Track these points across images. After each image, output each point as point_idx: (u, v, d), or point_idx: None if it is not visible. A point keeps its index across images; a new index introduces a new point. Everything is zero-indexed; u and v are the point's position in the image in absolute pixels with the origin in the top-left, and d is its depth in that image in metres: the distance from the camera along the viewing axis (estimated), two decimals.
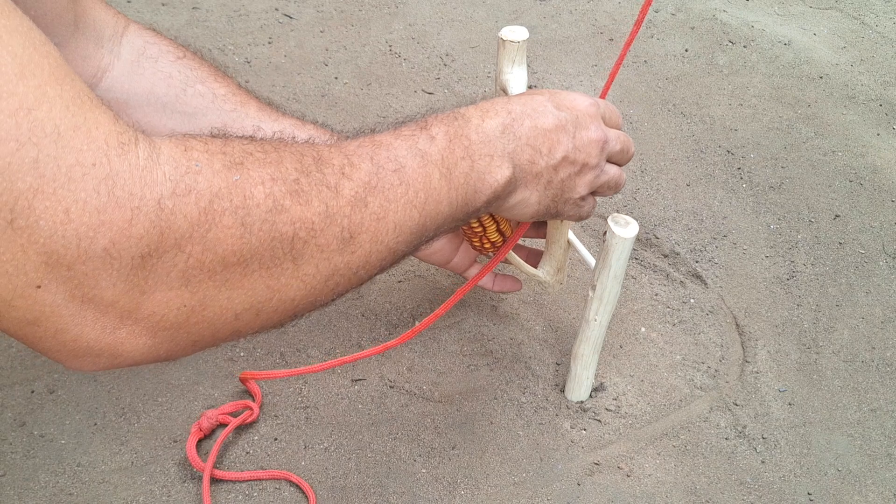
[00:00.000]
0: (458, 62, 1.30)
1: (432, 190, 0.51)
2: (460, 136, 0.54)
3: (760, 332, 0.91)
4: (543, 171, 0.58)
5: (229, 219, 0.40)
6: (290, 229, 0.43)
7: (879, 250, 1.01)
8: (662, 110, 1.23)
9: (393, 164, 0.49)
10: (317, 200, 0.44)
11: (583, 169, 0.60)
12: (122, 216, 0.36)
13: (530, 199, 0.58)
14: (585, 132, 0.60)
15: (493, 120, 0.56)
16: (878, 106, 1.25)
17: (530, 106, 0.58)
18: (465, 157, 0.53)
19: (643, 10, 0.61)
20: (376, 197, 0.47)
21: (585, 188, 0.61)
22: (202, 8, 1.38)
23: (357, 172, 0.47)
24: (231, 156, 0.42)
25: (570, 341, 0.85)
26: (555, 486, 0.75)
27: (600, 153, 0.61)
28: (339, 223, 0.45)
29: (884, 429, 0.82)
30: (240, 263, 0.41)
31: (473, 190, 0.54)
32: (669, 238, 1.01)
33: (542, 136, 0.57)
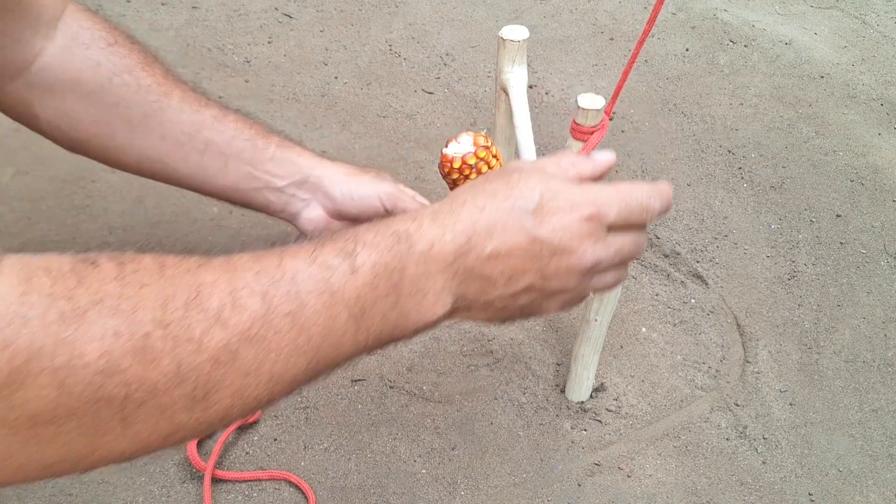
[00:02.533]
0: (459, 62, 1.30)
1: (333, 332, 0.43)
2: (392, 269, 0.45)
3: (761, 333, 0.90)
4: (496, 300, 0.49)
5: (46, 379, 0.35)
6: (122, 392, 0.37)
7: (881, 250, 1.01)
8: (663, 110, 1.22)
9: (290, 304, 0.42)
10: (167, 358, 0.38)
11: (554, 294, 0.51)
12: None
13: (477, 318, 0.52)
14: (565, 258, 0.49)
15: (447, 245, 0.46)
16: (880, 105, 1.25)
17: (501, 217, 0.48)
18: (389, 294, 0.45)
19: (654, 12, 0.60)
20: (252, 348, 0.40)
21: (557, 308, 0.53)
22: (202, 7, 1.38)
23: (238, 316, 0.40)
24: (76, 302, 0.37)
25: (571, 341, 0.84)
26: (555, 486, 0.75)
27: (581, 279, 0.51)
28: (192, 382, 0.39)
29: (885, 429, 0.82)
30: (52, 423, 0.36)
31: (392, 327, 0.46)
32: (670, 238, 1.01)
33: (503, 264, 0.48)
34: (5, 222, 0.97)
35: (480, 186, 0.50)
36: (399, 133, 1.15)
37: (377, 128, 1.16)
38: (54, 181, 1.03)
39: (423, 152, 1.12)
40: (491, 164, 0.58)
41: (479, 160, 0.58)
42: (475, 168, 0.58)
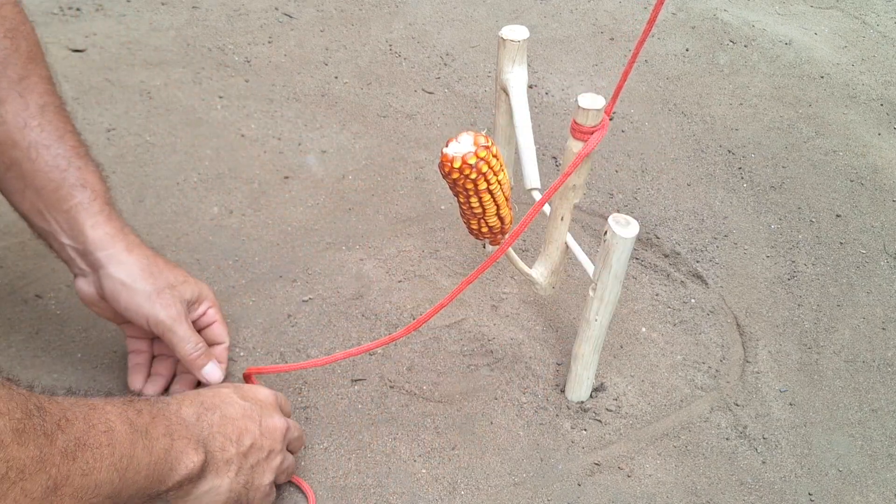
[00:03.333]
0: (459, 61, 1.30)
1: (135, 458, 0.52)
2: (162, 415, 0.58)
3: (761, 332, 0.90)
4: (234, 458, 0.62)
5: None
6: (3, 467, 0.42)
7: (880, 250, 1.01)
8: (663, 110, 1.22)
9: (103, 426, 0.51)
10: (33, 444, 0.44)
11: (269, 455, 0.65)
12: None
13: (221, 487, 0.61)
14: (270, 419, 0.66)
15: (189, 409, 0.61)
16: (880, 105, 1.25)
17: (219, 398, 0.64)
18: (166, 435, 0.56)
19: (655, 12, 0.60)
20: (85, 453, 0.48)
21: (272, 474, 0.66)
22: (202, 7, 1.38)
23: (70, 428, 0.48)
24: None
25: (571, 341, 0.84)
26: (555, 486, 0.75)
27: (283, 439, 0.67)
28: (49, 472, 0.45)
29: (885, 429, 0.82)
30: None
31: (170, 468, 0.56)
32: (670, 238, 1.01)
33: (231, 424, 0.62)
34: (5, 222, 0.97)
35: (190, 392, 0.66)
36: (399, 133, 1.15)
37: (377, 127, 1.16)
38: None
39: (423, 152, 1.12)
40: (491, 163, 0.58)
41: (480, 160, 0.57)
42: (475, 167, 0.58)
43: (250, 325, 0.87)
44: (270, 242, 0.97)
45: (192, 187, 1.03)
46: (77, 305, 0.88)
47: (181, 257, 0.94)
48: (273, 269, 0.94)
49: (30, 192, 0.69)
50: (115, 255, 0.70)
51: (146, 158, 1.08)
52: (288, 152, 1.11)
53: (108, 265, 0.70)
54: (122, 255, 0.70)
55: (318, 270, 0.94)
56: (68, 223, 0.70)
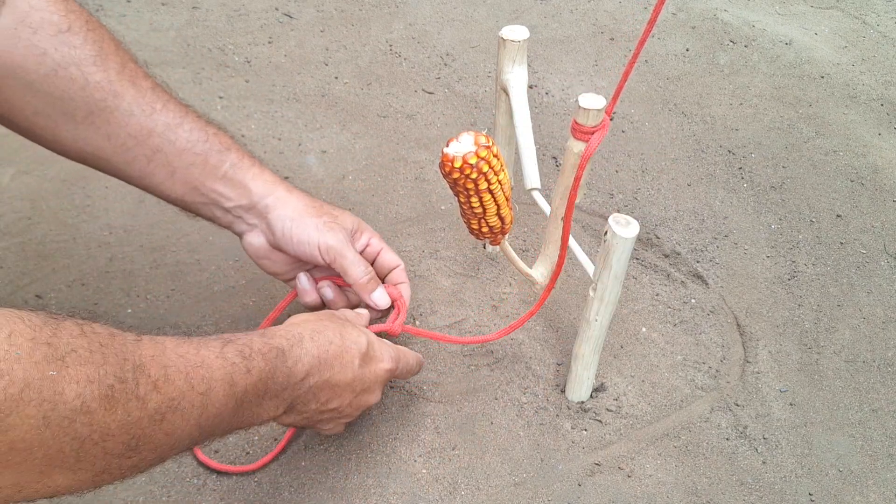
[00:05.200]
0: (459, 62, 1.30)
1: (221, 416, 0.54)
2: (270, 377, 0.58)
3: (761, 333, 0.90)
4: (309, 412, 0.65)
5: (33, 409, 0.40)
6: (87, 431, 0.44)
7: (881, 250, 1.01)
8: (663, 110, 1.22)
9: (204, 385, 0.52)
10: (122, 409, 0.45)
11: (341, 418, 0.68)
12: None
13: (284, 420, 0.64)
14: (367, 396, 0.68)
15: (303, 367, 0.61)
16: (880, 106, 1.25)
17: (340, 356, 0.64)
18: (259, 396, 0.58)
19: (655, 12, 0.60)
20: (174, 415, 0.49)
21: (333, 426, 0.69)
22: (202, 7, 1.38)
23: (168, 388, 0.49)
24: (55, 348, 0.42)
25: (571, 341, 0.84)
26: (555, 486, 0.74)
27: (365, 410, 0.70)
28: (133, 433, 0.47)
29: (885, 429, 0.82)
30: (25, 451, 0.41)
31: (248, 421, 0.58)
32: (670, 238, 1.01)
33: (329, 390, 0.64)
34: (5, 222, 0.97)
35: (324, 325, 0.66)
36: (399, 133, 1.15)
37: (377, 128, 1.16)
38: (54, 181, 1.03)
39: (424, 152, 1.12)
40: (491, 163, 0.58)
41: (480, 159, 0.57)
42: (476, 167, 0.57)
43: (250, 326, 0.87)
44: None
45: None
46: (77, 305, 0.88)
47: (181, 257, 0.94)
48: None
49: (180, 172, 0.71)
50: (280, 197, 0.74)
51: None
52: (288, 152, 1.11)
53: (277, 207, 0.74)
54: (285, 195, 0.74)
55: None
56: (228, 186, 0.73)
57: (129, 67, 0.69)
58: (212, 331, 0.86)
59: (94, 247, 0.95)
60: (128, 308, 0.88)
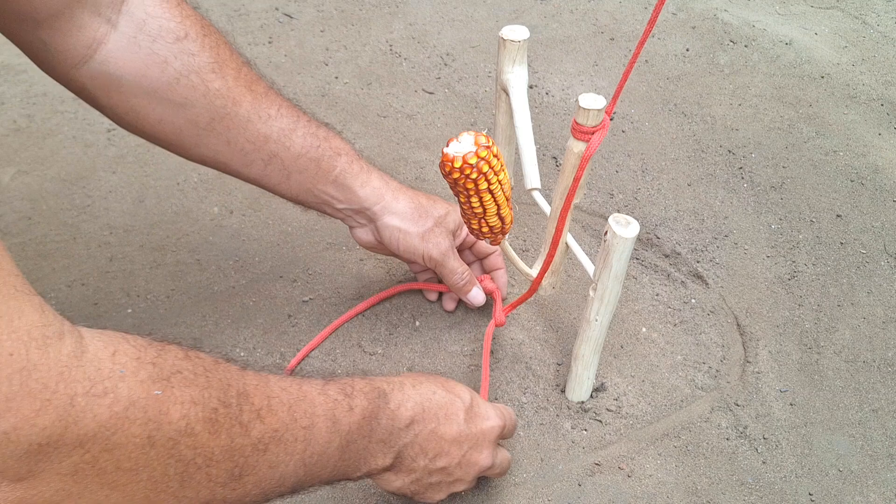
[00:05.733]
0: (459, 62, 1.30)
1: (326, 456, 0.53)
2: (373, 416, 0.57)
3: (762, 333, 0.90)
4: (418, 470, 0.61)
5: (138, 429, 0.40)
6: (191, 454, 0.43)
7: (881, 250, 1.01)
8: (663, 110, 1.22)
9: (306, 420, 0.51)
10: (225, 434, 0.45)
11: (454, 483, 0.65)
12: (30, 406, 0.36)
13: (394, 483, 0.62)
14: (477, 454, 0.64)
15: (406, 412, 0.59)
16: (880, 105, 1.25)
17: (445, 408, 0.62)
18: (365, 437, 0.56)
19: (655, 12, 0.60)
20: (278, 447, 0.49)
21: (445, 494, 0.65)
22: (202, 7, 1.38)
23: (271, 418, 0.48)
24: (161, 368, 0.42)
25: (571, 341, 0.84)
26: (555, 486, 0.74)
27: (476, 475, 0.66)
28: (236, 461, 0.46)
29: (885, 429, 0.82)
30: (131, 471, 0.41)
31: (355, 467, 0.57)
32: (670, 238, 1.01)
33: (436, 442, 0.61)
34: (5, 222, 0.97)
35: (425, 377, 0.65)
36: (399, 133, 1.15)
37: (377, 128, 1.16)
38: (54, 181, 1.03)
39: (424, 152, 1.12)
40: (492, 163, 0.58)
41: (480, 159, 0.57)
42: (476, 167, 0.57)
43: (251, 326, 0.87)
44: (270, 242, 0.97)
45: (193, 187, 1.03)
46: (77, 305, 0.88)
47: (181, 257, 0.94)
48: (273, 269, 0.94)
49: (295, 175, 0.73)
50: (386, 206, 0.76)
51: (147, 158, 1.08)
52: None
53: (383, 216, 0.77)
54: (391, 204, 0.77)
55: (319, 271, 0.94)
56: (339, 190, 0.75)
57: (244, 72, 0.70)
58: (212, 331, 0.86)
59: (94, 247, 0.95)
60: (128, 308, 0.88)
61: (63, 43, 0.61)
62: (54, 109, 1.13)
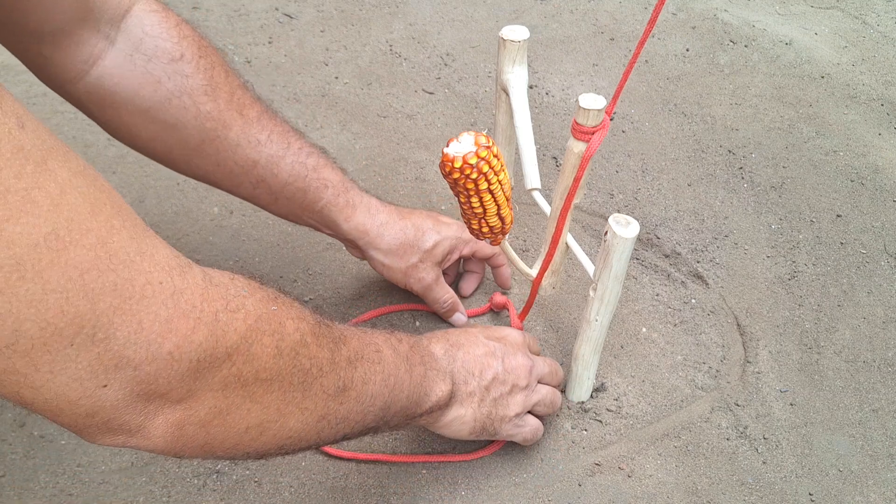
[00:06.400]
0: (459, 62, 1.30)
1: (400, 379, 0.58)
2: (417, 347, 0.63)
3: (762, 333, 0.90)
4: (476, 390, 0.66)
5: (268, 339, 0.45)
6: (308, 363, 0.49)
7: (881, 250, 1.01)
8: (663, 110, 1.22)
9: (374, 347, 0.57)
10: (326, 348, 0.51)
11: (513, 389, 0.69)
12: (186, 325, 0.40)
13: (465, 416, 0.66)
14: (513, 358, 0.69)
15: (437, 345, 0.66)
16: (880, 106, 1.25)
17: (464, 337, 0.69)
18: (421, 364, 0.62)
19: (655, 12, 0.60)
20: (363, 365, 0.54)
21: (518, 407, 0.70)
22: (202, 8, 1.38)
23: (350, 342, 0.54)
24: (267, 292, 0.48)
25: (571, 341, 0.84)
26: (556, 486, 0.75)
27: (528, 375, 0.70)
28: (338, 373, 0.51)
29: (885, 429, 0.82)
30: (267, 381, 0.46)
31: (424, 393, 0.61)
32: (670, 238, 1.01)
33: (475, 361, 0.67)
34: None
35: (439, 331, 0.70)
36: (399, 133, 1.15)
37: (377, 128, 1.16)
38: None
39: (424, 152, 1.12)
40: (492, 163, 0.58)
41: (480, 160, 0.57)
42: (476, 167, 0.58)
43: None
44: (270, 243, 0.97)
45: (193, 187, 1.03)
46: None
47: None
48: (273, 269, 0.94)
49: (282, 201, 0.75)
50: (370, 242, 0.79)
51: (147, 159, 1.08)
52: None
53: (367, 250, 0.79)
54: (375, 240, 0.78)
55: (319, 271, 0.94)
56: (323, 220, 0.78)
57: (237, 95, 0.70)
58: None
59: None
60: None
61: (63, 57, 0.62)
62: (54, 109, 1.13)
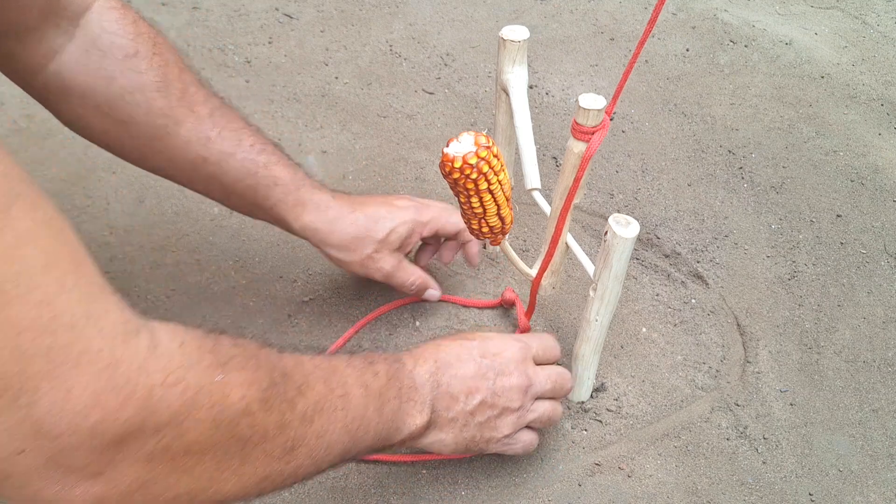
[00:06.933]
0: (459, 62, 1.30)
1: (365, 420, 0.56)
2: (397, 377, 0.60)
3: (762, 333, 0.90)
4: (459, 416, 0.64)
5: (205, 414, 0.43)
6: (249, 432, 0.46)
7: (881, 250, 1.01)
8: (663, 110, 1.22)
9: (340, 391, 0.54)
10: (276, 411, 0.48)
11: (503, 412, 0.66)
12: (115, 400, 0.38)
13: (446, 440, 0.64)
14: (507, 379, 0.66)
15: (423, 367, 0.63)
16: (880, 106, 1.25)
17: (455, 353, 0.65)
18: (396, 397, 0.59)
19: (655, 12, 0.60)
20: (322, 417, 0.52)
21: (508, 428, 0.67)
22: (202, 8, 1.38)
23: (311, 392, 0.52)
24: (218, 355, 0.45)
25: (571, 341, 0.84)
26: (555, 486, 0.75)
27: (523, 396, 0.67)
28: (287, 434, 0.49)
29: (885, 429, 0.82)
30: (198, 453, 0.44)
31: (395, 428, 0.60)
32: (670, 238, 1.01)
33: (461, 384, 0.64)
34: None
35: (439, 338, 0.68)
36: (399, 133, 1.15)
37: (377, 128, 1.16)
38: (54, 181, 1.03)
39: (424, 152, 1.12)
40: (492, 163, 0.58)
41: (480, 160, 0.57)
42: (476, 167, 0.57)
43: (251, 326, 0.87)
44: (270, 242, 0.97)
45: None
46: None
47: (181, 258, 0.94)
48: (273, 269, 0.94)
49: (234, 197, 0.76)
50: (322, 240, 0.78)
51: None
52: (288, 152, 1.10)
53: (321, 248, 0.79)
54: (326, 238, 0.77)
55: (319, 271, 0.94)
56: (275, 219, 0.78)
57: (190, 92, 0.71)
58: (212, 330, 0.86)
59: (94, 247, 0.95)
60: None
61: (24, 52, 0.63)
62: None
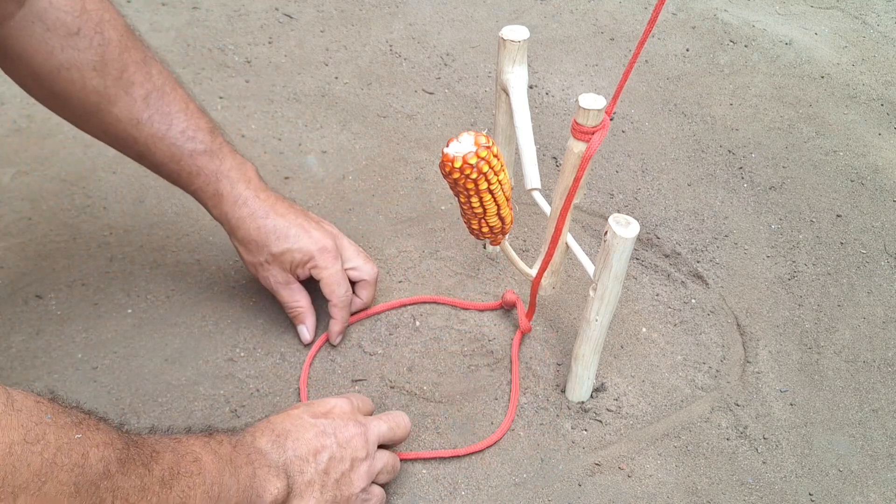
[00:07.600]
0: (459, 62, 1.30)
1: (224, 485, 0.54)
2: (241, 445, 0.59)
3: (762, 333, 0.90)
4: (315, 478, 0.63)
5: (66, 476, 0.41)
6: (110, 497, 0.44)
7: (881, 250, 1.01)
8: (663, 110, 1.22)
9: (191, 457, 0.53)
10: (135, 475, 0.46)
11: (353, 463, 0.65)
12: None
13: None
14: (345, 430, 0.66)
15: (263, 438, 0.62)
16: (880, 105, 1.25)
17: (290, 422, 0.64)
18: (248, 464, 0.58)
19: (655, 12, 0.60)
20: (180, 481, 0.50)
21: (363, 480, 0.66)
22: (202, 7, 1.38)
23: (162, 459, 0.50)
24: (73, 416, 0.44)
25: (571, 341, 0.84)
26: (555, 486, 0.75)
27: (365, 443, 0.67)
28: (150, 499, 0.47)
29: (885, 429, 0.82)
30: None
31: (257, 495, 0.58)
32: (670, 238, 1.01)
33: (306, 446, 0.63)
34: (5, 222, 0.97)
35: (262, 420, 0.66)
36: (399, 133, 1.15)
37: (377, 128, 1.16)
38: (54, 181, 1.03)
39: (424, 152, 1.12)
40: (492, 163, 0.58)
41: (480, 159, 0.57)
42: (476, 167, 0.58)
43: (251, 326, 0.87)
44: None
45: None
46: (77, 306, 0.88)
47: (181, 258, 0.94)
48: None
49: (163, 175, 0.79)
50: (230, 231, 0.81)
51: None
52: (288, 153, 1.11)
53: (230, 238, 0.82)
54: (234, 231, 0.80)
55: None
56: (199, 202, 0.80)
57: (128, 73, 0.72)
58: (212, 331, 0.86)
59: (94, 247, 0.95)
60: (128, 308, 0.88)
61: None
62: None
